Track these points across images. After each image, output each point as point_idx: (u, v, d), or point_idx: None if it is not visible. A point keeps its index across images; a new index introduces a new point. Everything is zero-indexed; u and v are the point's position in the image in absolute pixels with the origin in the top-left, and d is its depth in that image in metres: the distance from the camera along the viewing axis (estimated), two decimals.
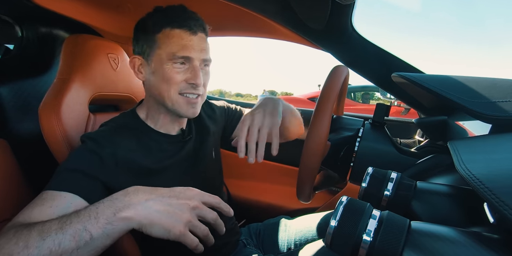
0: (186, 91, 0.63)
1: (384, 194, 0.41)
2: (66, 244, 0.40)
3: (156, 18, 0.63)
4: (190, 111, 0.65)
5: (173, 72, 0.62)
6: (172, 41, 0.61)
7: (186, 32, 0.61)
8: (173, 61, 0.61)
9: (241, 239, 0.81)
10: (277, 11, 0.79)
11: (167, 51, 0.61)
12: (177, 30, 0.61)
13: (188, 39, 0.61)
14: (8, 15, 0.87)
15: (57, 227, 0.41)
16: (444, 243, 0.26)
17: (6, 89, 0.86)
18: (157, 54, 0.62)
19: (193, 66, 0.63)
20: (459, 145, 0.41)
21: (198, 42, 0.63)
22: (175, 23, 0.61)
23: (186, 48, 0.61)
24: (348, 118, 0.75)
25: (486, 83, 0.47)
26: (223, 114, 0.85)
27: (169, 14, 0.63)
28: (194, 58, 0.62)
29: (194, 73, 0.62)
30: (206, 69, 0.66)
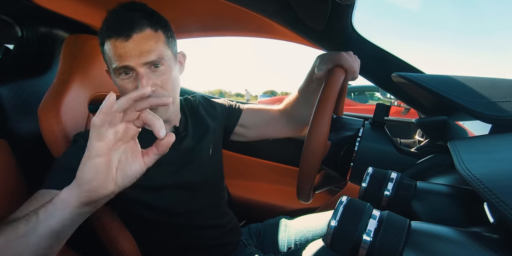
0: None
1: (384, 194, 0.41)
2: (18, 229, 0.39)
3: (100, 29, 0.61)
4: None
5: (123, 83, 0.60)
6: (110, 53, 0.58)
7: (118, 40, 0.57)
8: (117, 72, 0.59)
9: (242, 240, 0.81)
10: (277, 11, 0.79)
11: (110, 63, 0.60)
12: (111, 39, 0.57)
13: (121, 46, 0.57)
14: (8, 15, 0.87)
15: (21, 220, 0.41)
16: (444, 243, 0.26)
17: (6, 89, 0.86)
18: (110, 66, 0.61)
19: (137, 74, 0.59)
20: (459, 145, 0.41)
21: (135, 46, 0.57)
22: (108, 32, 0.58)
23: (121, 57, 0.57)
24: (348, 118, 0.75)
25: (486, 83, 0.47)
26: (224, 111, 0.85)
27: (105, 22, 0.59)
28: (134, 65, 0.58)
29: (139, 82, 0.58)
30: (159, 70, 0.61)
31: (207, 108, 0.83)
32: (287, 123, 0.85)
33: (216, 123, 0.81)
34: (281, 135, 0.87)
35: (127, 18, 0.58)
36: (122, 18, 0.58)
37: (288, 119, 0.85)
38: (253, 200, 1.18)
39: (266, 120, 0.86)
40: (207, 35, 1.15)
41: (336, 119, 0.76)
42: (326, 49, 0.87)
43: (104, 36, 0.59)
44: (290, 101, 0.84)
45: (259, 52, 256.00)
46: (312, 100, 0.78)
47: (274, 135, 0.88)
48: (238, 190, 1.18)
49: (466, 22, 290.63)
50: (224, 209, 0.80)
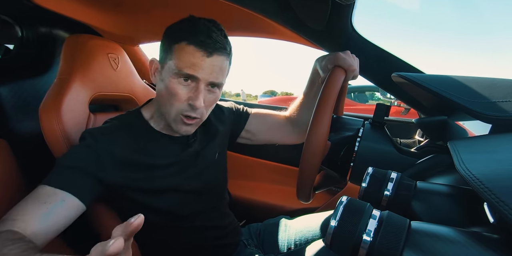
0: (186, 114, 0.62)
1: (384, 194, 0.41)
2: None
3: (180, 28, 0.61)
4: (183, 129, 0.65)
5: (177, 87, 0.60)
6: (185, 56, 0.59)
7: (200, 52, 0.59)
8: (178, 76, 0.60)
9: (242, 240, 0.81)
10: (277, 11, 0.79)
11: (177, 64, 0.59)
12: (192, 47, 0.59)
13: (199, 59, 0.59)
14: (8, 15, 0.87)
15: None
16: (444, 243, 0.26)
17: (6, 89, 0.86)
18: (168, 64, 0.61)
19: (197, 87, 0.61)
20: (459, 145, 0.41)
21: (210, 64, 0.60)
22: (193, 39, 0.59)
23: (194, 67, 0.59)
24: (348, 118, 0.75)
25: (486, 83, 0.48)
26: (231, 115, 0.85)
27: (193, 27, 0.60)
28: (200, 78, 0.60)
29: (197, 94, 0.60)
30: (213, 91, 0.64)
31: (215, 112, 0.82)
32: (292, 130, 0.86)
33: (224, 127, 0.81)
34: (286, 141, 0.88)
35: (216, 37, 0.60)
36: (214, 34, 0.59)
37: (293, 125, 0.85)
38: (253, 200, 1.18)
39: (272, 126, 0.86)
40: None
41: (336, 119, 0.76)
42: (326, 49, 0.87)
43: (185, 37, 0.59)
44: (295, 107, 0.84)
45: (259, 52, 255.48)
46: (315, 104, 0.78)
47: (279, 141, 0.88)
48: (239, 190, 1.19)
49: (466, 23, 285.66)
50: (225, 210, 0.80)
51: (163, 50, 0.63)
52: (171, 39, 0.61)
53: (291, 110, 0.86)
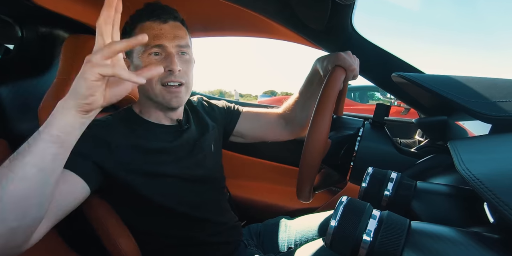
0: (166, 80, 0.64)
1: (384, 194, 0.41)
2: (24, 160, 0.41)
3: (131, 18, 0.66)
4: (174, 101, 0.66)
5: (150, 62, 0.63)
6: (144, 33, 0.61)
7: (155, 22, 0.63)
8: (147, 52, 0.63)
9: (243, 240, 0.80)
10: (277, 11, 0.79)
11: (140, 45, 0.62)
12: (147, 22, 0.64)
13: (158, 28, 0.63)
14: (8, 15, 0.87)
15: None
16: (444, 243, 0.26)
17: (6, 89, 0.86)
18: (135, 51, 0.64)
19: (167, 53, 0.64)
20: (459, 145, 0.41)
21: (170, 29, 0.64)
22: (144, 16, 0.64)
23: (157, 37, 0.63)
24: (348, 118, 0.75)
25: (486, 83, 0.48)
26: (223, 113, 0.86)
27: (140, 11, 0.66)
28: (167, 45, 0.63)
29: (170, 59, 0.63)
30: (184, 57, 0.67)
31: (206, 108, 0.84)
32: (285, 127, 0.87)
33: (215, 124, 0.82)
34: (279, 138, 0.89)
35: (165, 8, 0.65)
36: (159, 7, 0.65)
37: (286, 122, 0.86)
38: (253, 200, 1.18)
39: (264, 123, 0.87)
40: (207, 35, 1.15)
41: (336, 119, 0.76)
42: (326, 49, 0.87)
43: (138, 20, 0.65)
44: (289, 104, 0.85)
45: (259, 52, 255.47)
46: (311, 103, 0.79)
47: (272, 138, 0.89)
48: (238, 190, 1.18)
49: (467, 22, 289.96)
50: (224, 206, 0.80)
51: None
52: (127, 31, 0.66)
53: (285, 107, 0.86)
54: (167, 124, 0.72)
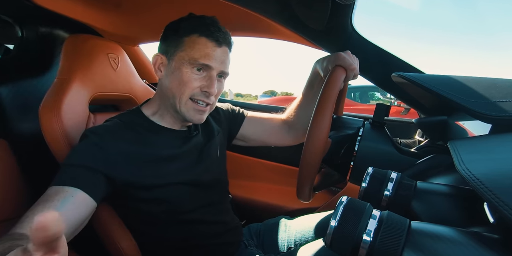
0: (198, 98, 0.65)
1: (384, 194, 0.41)
2: None
3: (188, 23, 0.66)
4: (197, 117, 0.67)
5: (190, 77, 0.64)
6: (197, 47, 0.63)
7: (212, 42, 0.64)
8: (192, 66, 0.64)
9: (243, 241, 0.81)
10: (277, 11, 0.79)
11: (190, 55, 0.63)
12: (204, 38, 0.64)
13: (212, 49, 0.64)
14: (8, 15, 0.87)
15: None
16: (444, 243, 0.26)
17: (6, 89, 0.86)
18: (179, 56, 0.64)
19: (210, 75, 0.65)
20: (459, 145, 0.41)
21: (221, 54, 0.65)
22: (204, 31, 0.64)
23: (208, 57, 0.63)
24: (348, 118, 0.75)
25: (486, 83, 0.47)
26: (228, 116, 0.87)
27: (201, 22, 0.65)
28: (214, 67, 0.64)
29: (210, 82, 0.64)
30: (221, 81, 0.69)
31: (212, 112, 0.83)
32: (288, 132, 0.87)
33: (220, 127, 0.82)
34: (282, 143, 0.90)
35: (223, 30, 0.66)
36: (222, 28, 0.66)
37: (289, 127, 0.86)
38: (253, 200, 1.18)
39: (268, 128, 0.87)
40: None
41: (336, 119, 0.76)
42: (326, 49, 0.87)
43: (196, 30, 0.64)
44: (292, 109, 0.85)
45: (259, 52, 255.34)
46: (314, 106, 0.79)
47: (274, 143, 0.90)
48: (238, 190, 1.18)
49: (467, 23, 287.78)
50: (228, 206, 0.81)
51: (170, 44, 0.66)
52: (180, 33, 0.65)
53: (288, 112, 0.87)
54: (177, 129, 0.72)
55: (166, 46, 0.67)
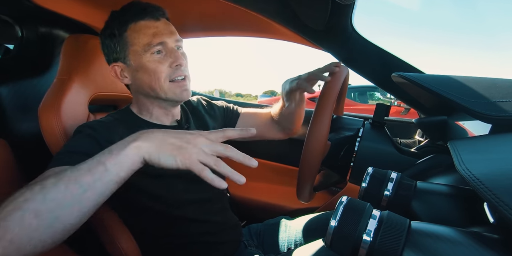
0: (175, 75, 0.65)
1: (384, 194, 0.41)
2: (81, 178, 0.39)
3: (117, 20, 0.65)
4: (184, 94, 0.68)
5: (155, 63, 0.64)
6: (141, 33, 0.63)
7: (150, 20, 0.63)
8: (150, 51, 0.63)
9: (243, 241, 0.80)
10: (277, 11, 0.79)
11: (141, 44, 0.63)
12: (141, 21, 0.63)
13: (153, 26, 0.63)
14: (8, 15, 0.87)
15: (72, 168, 0.41)
16: (444, 243, 0.26)
17: (6, 89, 0.86)
18: (132, 51, 0.64)
19: (170, 50, 0.64)
20: (459, 145, 0.41)
21: (165, 26, 0.65)
22: (136, 16, 0.63)
23: (157, 35, 0.63)
24: (348, 118, 0.75)
25: (486, 83, 0.47)
26: (223, 113, 0.88)
27: (127, 11, 0.65)
28: (168, 41, 0.64)
29: (174, 55, 0.64)
30: (181, 51, 0.68)
31: (206, 108, 0.85)
32: (278, 127, 0.88)
33: (215, 123, 0.83)
34: (275, 137, 0.90)
35: (151, 6, 0.65)
36: (146, 5, 0.64)
37: (278, 124, 0.88)
38: (253, 200, 1.18)
39: (261, 123, 0.88)
40: (207, 35, 1.15)
41: (336, 119, 0.76)
42: (326, 49, 0.87)
43: (128, 22, 0.63)
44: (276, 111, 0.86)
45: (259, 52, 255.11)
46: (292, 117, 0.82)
47: (268, 137, 0.90)
48: (238, 190, 1.18)
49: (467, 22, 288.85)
50: (225, 205, 0.81)
51: (116, 49, 0.66)
52: (115, 35, 0.65)
53: (272, 112, 0.88)
54: (167, 124, 0.73)
55: (114, 54, 0.66)
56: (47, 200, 0.38)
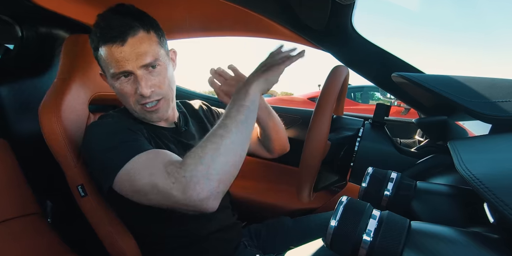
0: (142, 102, 0.64)
1: (384, 194, 0.41)
2: (240, 118, 0.54)
3: (93, 36, 0.62)
4: (154, 117, 0.67)
5: (122, 87, 0.63)
6: (106, 59, 0.60)
7: (113, 46, 0.58)
8: (116, 77, 0.62)
9: (243, 241, 0.80)
10: (277, 11, 0.79)
11: (108, 70, 0.62)
12: (106, 46, 0.59)
13: (118, 51, 0.58)
14: (8, 15, 0.87)
15: (226, 120, 0.55)
16: (444, 243, 0.26)
17: (6, 89, 0.86)
18: (106, 71, 0.64)
19: (135, 77, 0.61)
20: (459, 145, 0.41)
21: (131, 49, 0.59)
22: (102, 38, 0.59)
23: (120, 63, 0.59)
24: (348, 118, 0.75)
25: (486, 83, 0.47)
26: None
27: (98, 27, 0.60)
28: (132, 69, 0.60)
29: (139, 84, 0.61)
30: (156, 71, 0.63)
31: (206, 112, 0.86)
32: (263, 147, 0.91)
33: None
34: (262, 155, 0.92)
35: (120, 23, 0.59)
36: (114, 23, 0.59)
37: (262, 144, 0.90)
38: (253, 200, 1.18)
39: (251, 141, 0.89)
40: (207, 35, 1.15)
41: (336, 119, 0.76)
42: (326, 49, 0.87)
43: (97, 42, 0.61)
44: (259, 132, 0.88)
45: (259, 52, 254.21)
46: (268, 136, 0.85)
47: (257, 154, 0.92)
48: (238, 190, 1.18)
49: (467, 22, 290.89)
50: (225, 203, 0.80)
51: (97, 60, 0.65)
52: (93, 49, 0.64)
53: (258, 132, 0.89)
54: (165, 126, 0.73)
55: (99, 64, 0.66)
56: (234, 140, 0.52)
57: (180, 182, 0.49)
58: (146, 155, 0.55)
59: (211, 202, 0.49)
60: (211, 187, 0.49)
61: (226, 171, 0.51)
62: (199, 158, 0.50)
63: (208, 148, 0.51)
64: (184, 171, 0.49)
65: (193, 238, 0.70)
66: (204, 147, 0.51)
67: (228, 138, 0.52)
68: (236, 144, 0.53)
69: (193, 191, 0.48)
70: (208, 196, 0.48)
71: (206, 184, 0.48)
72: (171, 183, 0.49)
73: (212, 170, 0.49)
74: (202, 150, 0.51)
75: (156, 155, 0.55)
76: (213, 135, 0.53)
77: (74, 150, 0.68)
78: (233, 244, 0.77)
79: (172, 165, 0.51)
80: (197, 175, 0.48)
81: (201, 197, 0.48)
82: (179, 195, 0.48)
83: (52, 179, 0.77)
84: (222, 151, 0.51)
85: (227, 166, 0.51)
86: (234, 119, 0.54)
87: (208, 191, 0.48)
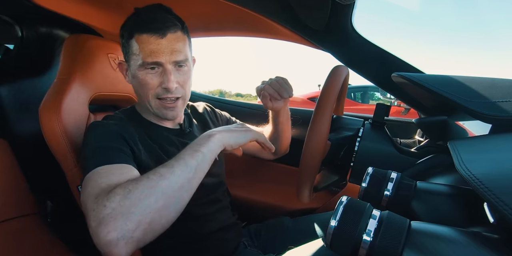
0: (163, 96, 0.65)
1: (384, 194, 0.41)
2: (190, 163, 0.50)
3: (129, 24, 0.64)
4: (170, 114, 0.67)
5: (146, 78, 0.63)
6: (142, 47, 0.62)
7: (153, 36, 0.60)
8: (144, 67, 0.62)
9: (243, 241, 0.80)
10: (277, 11, 0.79)
11: (136, 59, 0.63)
12: (144, 35, 0.61)
13: (155, 43, 0.61)
14: (8, 15, 0.87)
15: (173, 161, 0.50)
16: (444, 243, 0.26)
17: (6, 89, 0.86)
18: (132, 60, 0.64)
19: (164, 70, 0.63)
20: (459, 145, 0.41)
21: (168, 44, 0.61)
22: (142, 27, 0.61)
23: (154, 54, 0.61)
24: (348, 118, 0.75)
25: (486, 83, 0.47)
26: (226, 124, 0.89)
27: (139, 18, 0.63)
28: (164, 62, 0.62)
29: (166, 77, 0.63)
30: (183, 69, 0.66)
31: (210, 115, 0.87)
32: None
33: None
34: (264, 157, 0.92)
35: (164, 18, 0.62)
36: (159, 16, 0.62)
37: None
38: (253, 200, 1.18)
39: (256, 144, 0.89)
40: (207, 35, 1.15)
41: (336, 119, 0.76)
42: (326, 49, 0.87)
43: (133, 30, 0.62)
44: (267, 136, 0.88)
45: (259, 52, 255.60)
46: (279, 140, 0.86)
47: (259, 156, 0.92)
48: (238, 190, 1.18)
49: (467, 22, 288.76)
50: (225, 204, 0.81)
51: (124, 50, 0.66)
52: (125, 37, 0.64)
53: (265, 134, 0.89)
54: (170, 127, 0.73)
55: (124, 53, 0.67)
56: (173, 183, 0.47)
57: (99, 212, 0.42)
58: (108, 168, 0.52)
59: (120, 247, 0.41)
60: (125, 228, 0.41)
61: (151, 214, 0.44)
62: (128, 192, 0.44)
63: (140, 184, 0.45)
64: (107, 200, 0.43)
65: (193, 237, 0.70)
66: (138, 181, 0.46)
67: (167, 179, 0.47)
68: (173, 188, 0.47)
69: (104, 228, 0.41)
70: (117, 238, 0.41)
71: (120, 222, 0.41)
72: (92, 210, 0.43)
73: (134, 209, 0.42)
74: (134, 184, 0.45)
75: (112, 172, 0.51)
76: (153, 172, 0.48)
77: (74, 150, 0.68)
78: (233, 244, 0.77)
79: (105, 190, 0.46)
80: (117, 209, 0.42)
81: (109, 238, 0.40)
82: (92, 226, 0.42)
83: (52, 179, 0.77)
84: (154, 191, 0.45)
85: (154, 209, 0.44)
86: (183, 161, 0.50)
87: (120, 232, 0.41)
